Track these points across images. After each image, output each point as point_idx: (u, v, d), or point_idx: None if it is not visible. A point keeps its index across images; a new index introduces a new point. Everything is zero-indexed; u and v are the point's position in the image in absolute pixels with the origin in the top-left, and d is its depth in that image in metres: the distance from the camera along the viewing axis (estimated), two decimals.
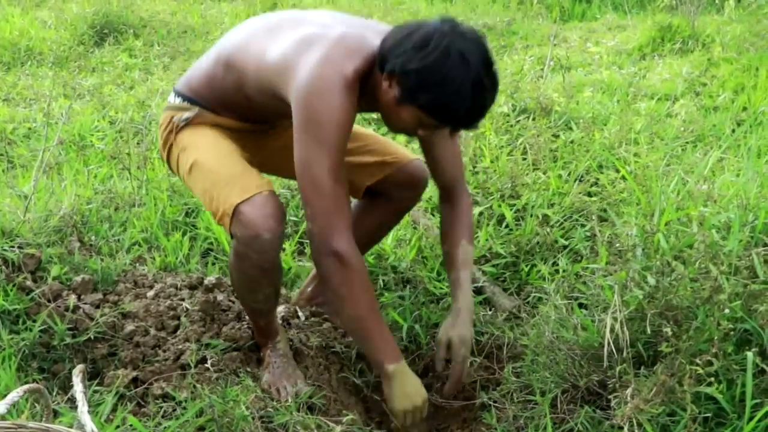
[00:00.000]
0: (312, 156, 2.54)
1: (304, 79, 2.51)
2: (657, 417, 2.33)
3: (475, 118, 2.55)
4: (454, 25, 2.47)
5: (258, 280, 2.78)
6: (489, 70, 2.47)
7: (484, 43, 2.50)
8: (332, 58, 2.52)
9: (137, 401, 2.80)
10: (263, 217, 2.60)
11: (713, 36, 7.60)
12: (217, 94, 2.87)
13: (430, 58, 2.40)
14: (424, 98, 2.46)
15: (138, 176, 4.32)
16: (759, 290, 2.46)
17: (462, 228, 3.03)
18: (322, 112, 2.50)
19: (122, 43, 7.91)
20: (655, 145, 4.64)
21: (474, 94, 2.43)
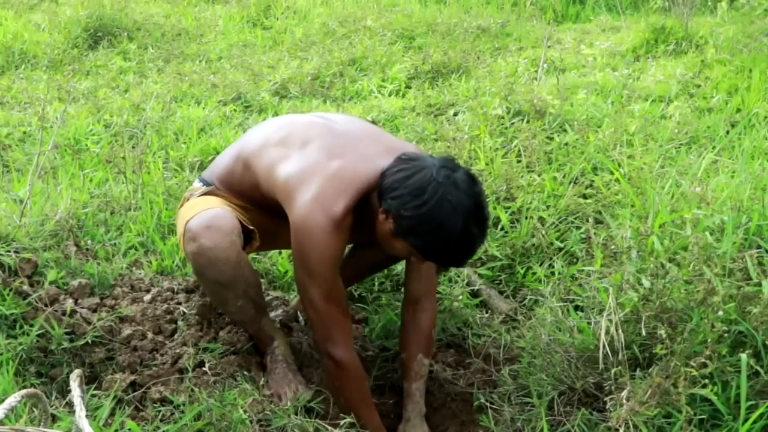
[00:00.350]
0: (305, 284, 2.81)
1: (297, 217, 2.76)
2: (652, 419, 2.35)
3: (462, 260, 2.85)
4: (449, 174, 2.65)
5: (221, 294, 2.94)
6: (479, 218, 2.69)
7: (476, 191, 2.69)
8: (324, 197, 2.74)
9: (135, 405, 2.81)
10: (206, 228, 2.82)
11: (706, 37, 7.61)
12: (236, 188, 3.08)
13: (424, 209, 2.62)
14: (415, 241, 2.69)
15: (133, 180, 4.32)
16: (752, 292, 2.47)
17: (420, 342, 3.11)
18: (310, 250, 2.75)
19: (116, 46, 7.89)
20: (650, 147, 4.64)
21: (462, 242, 2.67)
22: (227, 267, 2.82)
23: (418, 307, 3.13)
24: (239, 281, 2.89)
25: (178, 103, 6.15)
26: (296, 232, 2.76)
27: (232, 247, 2.82)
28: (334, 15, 9.15)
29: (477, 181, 2.74)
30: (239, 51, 7.92)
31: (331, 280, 2.80)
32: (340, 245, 2.79)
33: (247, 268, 2.92)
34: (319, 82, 6.88)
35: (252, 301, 2.99)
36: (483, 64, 7.23)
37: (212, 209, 2.93)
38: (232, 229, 2.85)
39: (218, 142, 5.20)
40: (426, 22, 8.71)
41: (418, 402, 3.08)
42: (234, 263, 2.83)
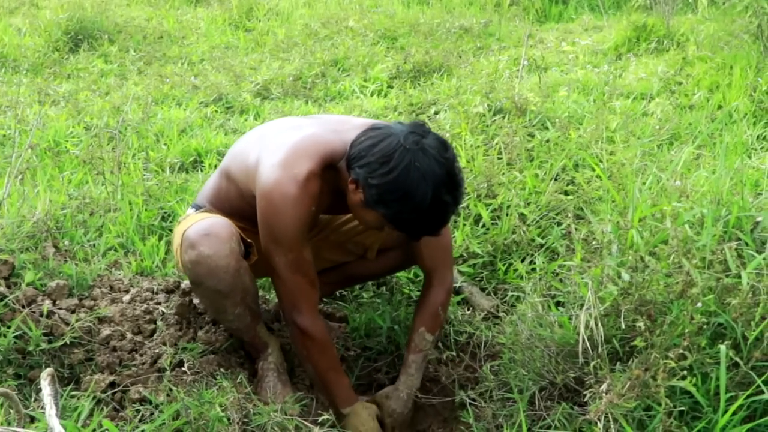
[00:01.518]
0: (270, 251, 2.79)
1: (262, 185, 2.74)
2: (632, 412, 2.34)
3: (434, 229, 2.74)
4: (417, 139, 2.60)
5: (220, 303, 2.87)
6: (451, 185, 2.62)
7: (447, 157, 2.63)
8: (287, 162, 2.72)
9: (114, 406, 2.79)
10: (204, 236, 2.76)
11: (688, 35, 7.64)
12: (226, 205, 3.06)
13: (391, 176, 2.57)
14: (384, 210, 2.64)
15: (113, 181, 4.30)
16: (732, 284, 2.46)
17: (425, 316, 3.10)
18: (275, 217, 2.73)
19: (97, 49, 7.86)
20: (631, 144, 4.64)
21: (433, 210, 2.60)
22: (227, 275, 2.76)
23: (429, 282, 3.14)
24: (238, 289, 2.83)
25: (159, 104, 6.13)
26: (261, 199, 2.74)
27: (231, 255, 2.76)
28: (317, 16, 9.16)
29: (448, 147, 2.68)
30: (221, 53, 7.90)
31: (297, 248, 2.77)
32: (305, 211, 2.73)
33: (247, 276, 2.86)
34: (301, 83, 6.86)
35: (249, 309, 2.95)
36: (465, 64, 7.23)
37: (210, 218, 2.90)
38: (231, 236, 2.80)
39: (199, 143, 5.18)
40: (408, 22, 8.72)
41: (412, 375, 3.06)
42: (234, 271, 2.77)
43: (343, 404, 2.94)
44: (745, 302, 2.39)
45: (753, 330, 2.35)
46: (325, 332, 2.94)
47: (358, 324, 3.44)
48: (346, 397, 2.95)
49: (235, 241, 2.80)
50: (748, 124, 5.25)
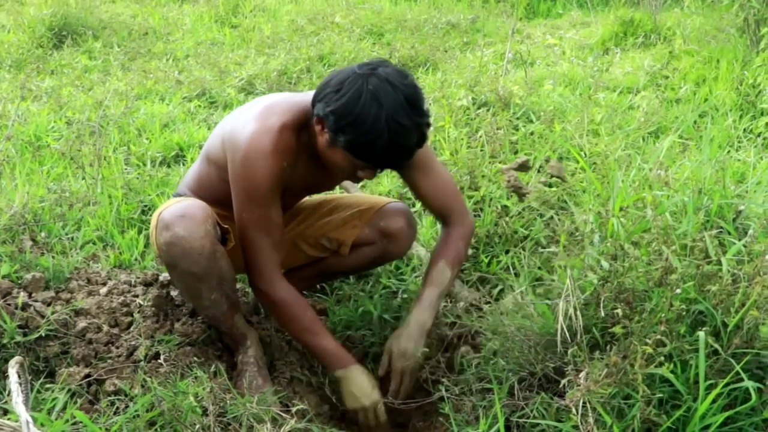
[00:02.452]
0: (240, 209, 2.81)
1: (236, 139, 2.76)
2: (611, 400, 2.31)
3: (397, 155, 2.68)
4: (373, 67, 2.60)
5: (195, 286, 2.84)
6: (412, 109, 2.58)
7: (406, 83, 2.60)
8: (260, 116, 2.76)
9: (89, 398, 2.75)
10: (180, 217, 2.73)
11: (674, 29, 7.63)
12: (207, 191, 3.05)
13: (343, 100, 2.56)
14: (343, 139, 2.61)
15: (93, 174, 4.26)
16: (712, 271, 2.44)
17: (444, 250, 3.07)
18: (246, 171, 2.74)
19: (81, 45, 7.81)
20: (617, 137, 4.63)
21: (390, 132, 2.55)
22: (201, 258, 2.72)
23: (446, 222, 3.13)
24: (213, 273, 2.80)
25: (142, 99, 6.10)
26: (234, 153, 2.75)
27: (206, 237, 2.72)
28: (303, 12, 9.13)
29: (407, 75, 2.66)
30: (206, 49, 7.86)
31: (265, 204, 2.78)
32: (278, 166, 2.73)
33: (223, 261, 2.82)
34: (286, 78, 6.83)
35: (225, 296, 2.90)
36: (451, 59, 7.20)
37: (186, 200, 2.89)
38: (206, 218, 2.75)
39: (181, 137, 5.15)
40: (395, 18, 8.71)
41: (426, 309, 3.02)
42: (208, 254, 2.73)
43: (332, 366, 2.91)
44: (724, 289, 2.37)
45: (732, 317, 2.32)
46: (291, 294, 2.92)
47: (339, 317, 3.41)
48: (334, 359, 2.91)
49: (210, 223, 2.76)
50: (734, 117, 5.24)
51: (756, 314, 2.28)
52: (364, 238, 3.24)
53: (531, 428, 2.57)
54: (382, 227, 3.21)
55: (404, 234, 3.23)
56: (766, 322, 2.31)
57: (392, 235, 3.21)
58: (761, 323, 2.31)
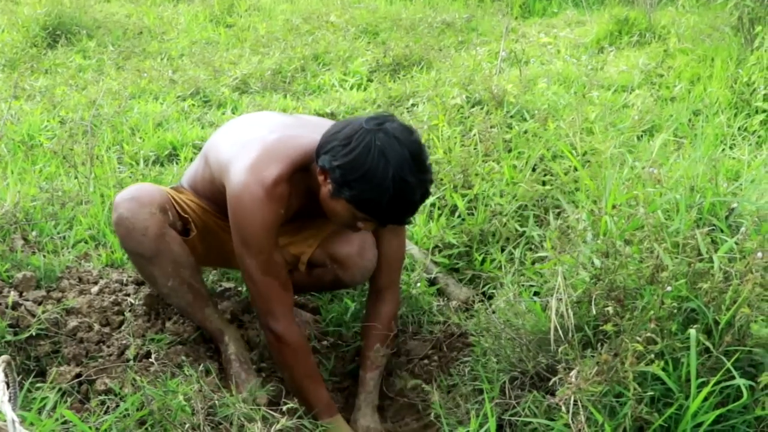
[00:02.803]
0: (242, 254, 2.78)
1: (231, 187, 2.74)
2: (602, 398, 2.30)
3: (401, 212, 2.71)
4: (380, 122, 2.61)
5: (147, 268, 2.91)
6: (416, 166, 2.60)
7: (411, 140, 2.63)
8: (256, 166, 2.71)
9: (80, 397, 2.74)
10: (127, 200, 2.83)
11: (669, 28, 7.63)
12: (200, 187, 3.07)
13: (352, 155, 2.57)
14: (349, 193, 2.61)
15: (85, 173, 4.25)
16: (704, 268, 2.43)
17: (379, 332, 3.07)
18: (244, 219, 2.73)
19: (75, 45, 7.78)
20: (611, 135, 4.61)
21: (395, 189, 2.56)
22: (146, 239, 2.80)
23: (380, 297, 3.12)
24: (164, 257, 2.85)
25: (136, 99, 6.08)
26: (231, 201, 2.74)
27: (151, 219, 2.80)
28: (298, 11, 9.11)
29: (413, 131, 2.68)
30: (201, 48, 7.84)
31: (267, 251, 2.76)
32: (274, 214, 2.73)
33: (175, 245, 2.87)
34: (281, 77, 6.82)
35: (187, 285, 2.93)
36: (446, 57, 7.20)
37: (140, 184, 2.96)
38: (152, 201, 2.82)
39: (174, 136, 5.14)
40: (391, 17, 8.69)
41: (371, 392, 3.05)
42: (154, 235, 2.80)
43: (322, 415, 2.89)
44: (716, 287, 2.36)
45: (724, 314, 2.31)
46: (301, 337, 2.93)
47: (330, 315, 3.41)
48: (325, 408, 2.90)
49: (157, 206, 2.82)
50: (728, 116, 5.23)
51: (747, 311, 2.27)
52: (317, 259, 3.19)
53: (523, 427, 2.56)
54: (332, 251, 3.15)
55: (352, 262, 3.14)
56: (757, 320, 2.30)
57: (339, 262, 3.15)
58: (753, 321, 2.30)
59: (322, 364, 3.23)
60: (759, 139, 4.91)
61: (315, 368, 2.96)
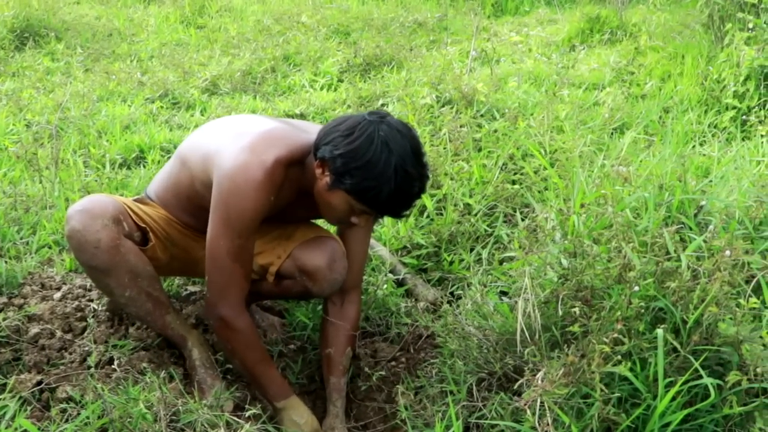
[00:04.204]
0: (218, 236, 2.72)
1: (225, 167, 2.68)
2: (569, 400, 2.27)
3: (400, 203, 2.70)
4: (382, 116, 2.65)
5: (103, 281, 2.84)
6: (416, 160, 2.63)
7: (412, 135, 2.67)
8: (255, 147, 2.69)
9: (41, 406, 2.69)
10: (78, 211, 2.76)
11: (640, 25, 7.65)
12: (172, 193, 3.01)
13: (355, 144, 2.58)
14: (349, 182, 2.61)
15: (50, 177, 4.18)
16: (671, 267, 2.41)
17: (349, 337, 3.08)
18: (233, 199, 2.67)
19: (44, 47, 7.69)
20: (582, 133, 4.60)
21: (397, 179, 2.58)
22: (98, 251, 2.72)
23: (346, 299, 3.09)
24: (120, 268, 2.78)
25: (104, 101, 6.01)
26: (223, 179, 2.68)
27: (104, 231, 2.73)
28: (269, 12, 9.07)
29: (411, 127, 2.71)
30: (171, 50, 7.77)
31: (245, 237, 2.73)
32: (265, 199, 2.68)
33: (131, 256, 2.80)
34: (251, 78, 6.77)
35: (146, 294, 2.87)
36: (417, 57, 7.17)
37: (93, 195, 2.90)
38: (105, 212, 2.76)
39: (142, 139, 5.08)
40: (362, 17, 8.67)
41: (344, 396, 3.03)
42: (107, 247, 2.73)
43: (276, 398, 2.87)
44: (684, 285, 2.34)
45: (692, 314, 2.29)
46: (251, 324, 2.88)
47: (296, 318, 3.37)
48: (279, 390, 2.88)
49: (109, 218, 2.76)
50: (698, 113, 5.24)
51: (715, 310, 2.25)
52: (286, 271, 3.11)
53: (490, 429, 2.53)
54: (300, 263, 3.07)
55: (321, 275, 3.04)
56: (725, 318, 2.28)
57: (308, 273, 3.06)
58: (720, 319, 2.28)
59: (289, 368, 3.19)
60: (729, 136, 4.92)
61: (266, 353, 2.94)
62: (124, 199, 2.96)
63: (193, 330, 3.05)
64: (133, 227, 2.86)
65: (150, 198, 3.08)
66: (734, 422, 2.27)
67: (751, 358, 2.20)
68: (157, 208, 3.03)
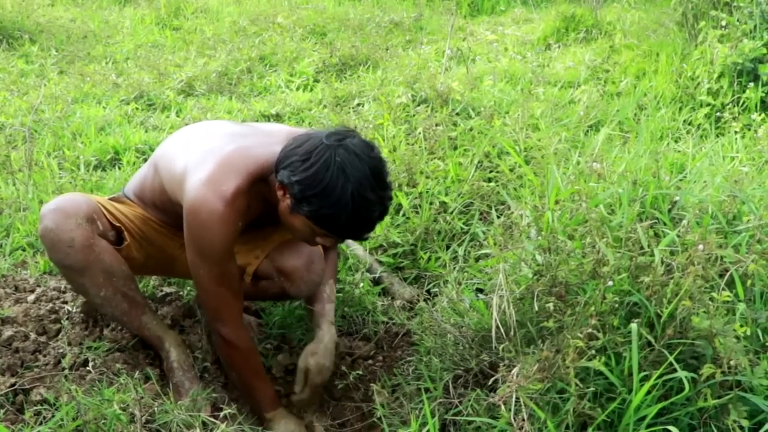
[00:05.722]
0: (197, 265, 2.74)
1: (188, 201, 2.68)
2: (544, 395, 2.28)
3: (360, 228, 2.68)
4: (341, 138, 2.59)
5: (77, 280, 2.83)
6: (376, 183, 2.59)
7: (372, 156, 2.61)
8: (214, 179, 2.66)
9: (15, 409, 2.66)
10: (52, 210, 2.76)
11: (615, 24, 7.68)
12: (148, 196, 3.03)
13: (311, 171, 2.55)
14: (307, 208, 2.59)
15: (23, 180, 4.16)
16: (645, 262, 2.42)
17: (330, 268, 3.13)
18: (201, 232, 2.68)
19: (17, 50, 7.65)
20: (557, 131, 4.61)
21: (354, 205, 2.54)
22: (72, 250, 2.72)
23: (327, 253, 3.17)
24: (94, 268, 2.77)
25: (78, 103, 5.97)
26: (188, 214, 2.68)
27: (77, 230, 2.72)
28: (245, 13, 9.04)
29: (374, 147, 2.66)
30: (146, 52, 7.73)
31: (223, 263, 2.74)
32: (232, 228, 2.69)
33: (105, 255, 2.79)
34: (227, 79, 6.75)
35: (121, 294, 2.87)
36: (393, 57, 7.17)
37: (66, 195, 2.88)
38: (78, 211, 2.75)
39: (117, 140, 5.05)
40: (338, 18, 8.66)
41: (333, 324, 3.08)
42: (81, 246, 2.72)
43: (267, 409, 2.92)
44: (657, 280, 2.35)
45: (666, 307, 2.30)
46: (249, 341, 2.93)
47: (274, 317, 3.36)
48: (270, 402, 2.94)
49: (83, 217, 2.75)
50: (673, 110, 5.26)
51: (688, 304, 2.26)
52: (263, 272, 3.14)
53: (467, 425, 2.53)
54: (278, 264, 3.10)
55: (299, 275, 3.09)
56: (699, 312, 2.29)
57: (286, 274, 3.10)
58: (694, 313, 2.28)
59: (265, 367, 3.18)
60: (703, 132, 4.94)
61: (261, 367, 2.98)
62: (99, 198, 2.95)
63: (169, 331, 3.04)
64: (108, 226, 2.86)
65: (127, 197, 3.08)
66: (709, 415, 2.27)
67: (724, 351, 2.20)
68: (134, 207, 3.03)
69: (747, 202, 2.85)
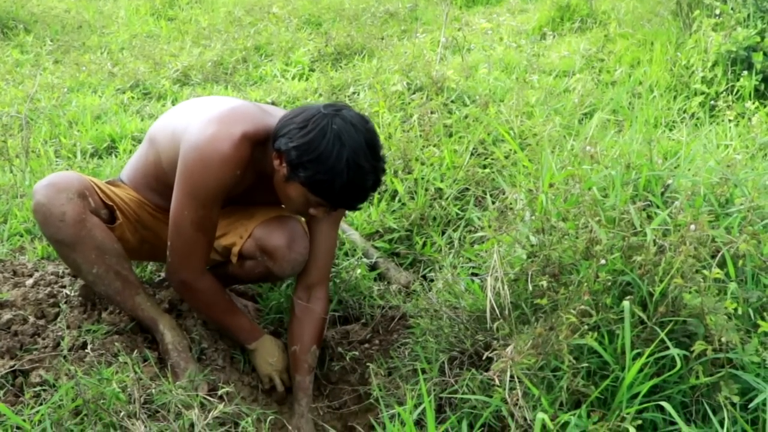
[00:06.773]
0: (182, 206, 2.76)
1: (193, 136, 2.71)
2: (539, 372, 2.30)
3: (353, 196, 2.72)
4: (337, 108, 2.65)
5: (69, 256, 2.84)
6: (370, 153, 2.64)
7: (367, 128, 2.67)
8: (223, 119, 2.73)
9: (15, 391, 2.68)
10: (44, 186, 2.78)
11: (610, 13, 7.69)
12: (142, 174, 3.05)
13: (308, 137, 2.59)
14: (303, 174, 2.63)
15: (20, 167, 4.18)
16: (638, 241, 2.44)
17: (314, 333, 3.08)
18: (200, 169, 2.70)
19: (12, 39, 7.67)
20: (550, 117, 4.63)
21: (349, 172, 2.59)
22: (64, 224, 2.74)
23: (312, 295, 3.09)
24: (86, 243, 2.79)
25: (74, 92, 5.99)
26: (190, 150, 2.71)
27: (69, 204, 2.74)
28: (241, 3, 9.06)
29: (368, 120, 2.71)
30: (142, 41, 7.75)
31: (209, 208, 2.77)
32: (231, 172, 2.71)
33: (97, 231, 2.81)
34: (222, 69, 6.77)
35: (114, 272, 2.88)
36: (388, 46, 7.19)
37: (61, 172, 2.92)
38: (70, 186, 2.77)
39: (113, 128, 5.07)
40: (334, 8, 8.67)
41: (310, 395, 3.05)
42: (73, 221, 2.74)
43: (248, 340, 3.04)
44: (650, 259, 2.37)
45: (658, 286, 2.32)
46: (213, 282, 2.98)
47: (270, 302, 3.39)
48: (249, 334, 3.05)
49: (75, 192, 2.77)
50: (668, 98, 5.28)
51: (680, 282, 2.28)
52: (247, 251, 3.11)
53: (462, 404, 2.56)
54: (261, 242, 3.06)
55: (281, 254, 3.04)
56: (690, 290, 2.32)
57: (269, 253, 3.05)
58: (686, 291, 2.31)
59: None
60: (697, 121, 4.96)
61: (230, 303, 3.06)
62: (93, 179, 2.95)
63: (164, 314, 3.05)
64: (100, 204, 2.88)
65: (122, 181, 3.10)
66: (701, 392, 2.30)
67: (715, 328, 2.23)
68: (129, 190, 3.05)
69: (739, 185, 2.87)
